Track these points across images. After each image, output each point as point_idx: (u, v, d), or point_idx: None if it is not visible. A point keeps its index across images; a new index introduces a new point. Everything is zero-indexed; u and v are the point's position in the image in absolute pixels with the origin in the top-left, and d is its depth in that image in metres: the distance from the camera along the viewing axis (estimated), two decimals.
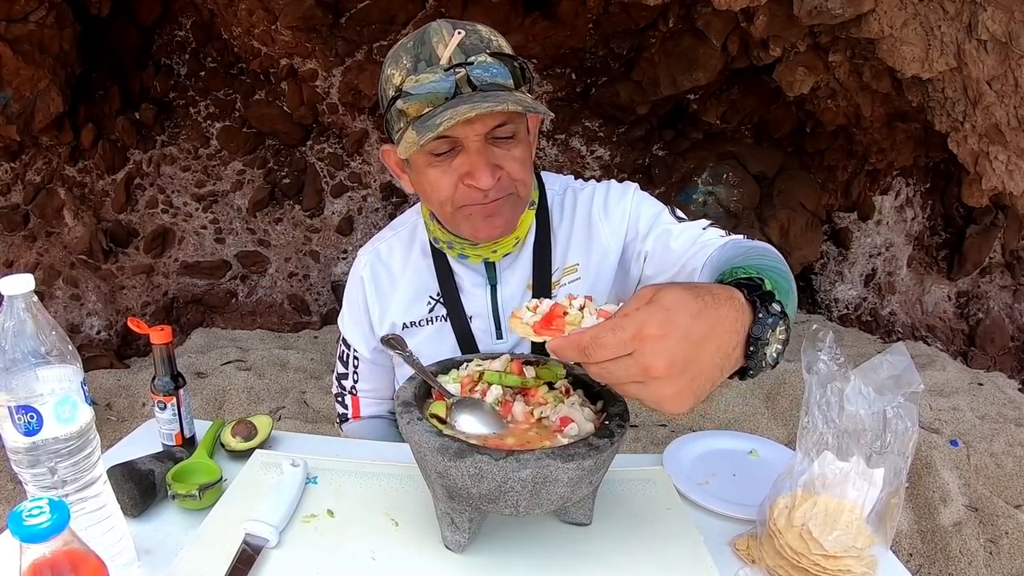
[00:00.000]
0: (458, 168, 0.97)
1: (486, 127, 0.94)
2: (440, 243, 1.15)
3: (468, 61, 0.92)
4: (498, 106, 0.87)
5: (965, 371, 3.61)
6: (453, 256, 1.15)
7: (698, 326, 0.63)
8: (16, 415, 0.69)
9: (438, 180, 0.99)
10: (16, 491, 2.41)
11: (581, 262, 1.16)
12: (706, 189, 4.28)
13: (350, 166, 4.31)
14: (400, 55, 0.97)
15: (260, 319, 4.19)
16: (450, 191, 0.99)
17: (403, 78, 0.95)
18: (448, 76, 0.91)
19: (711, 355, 0.65)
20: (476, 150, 0.95)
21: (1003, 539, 2.26)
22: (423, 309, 1.20)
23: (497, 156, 0.97)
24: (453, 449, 0.73)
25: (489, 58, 0.93)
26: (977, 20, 2.54)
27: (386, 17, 3.79)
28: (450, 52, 0.93)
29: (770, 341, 0.69)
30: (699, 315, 0.64)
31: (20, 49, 3.27)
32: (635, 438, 2.91)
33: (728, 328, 0.66)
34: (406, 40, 0.99)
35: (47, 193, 3.79)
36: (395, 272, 1.23)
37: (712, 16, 3.47)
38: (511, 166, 0.99)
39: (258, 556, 0.81)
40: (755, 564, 0.84)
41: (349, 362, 1.33)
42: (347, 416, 1.36)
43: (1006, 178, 2.93)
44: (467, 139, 0.94)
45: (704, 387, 0.65)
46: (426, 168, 0.99)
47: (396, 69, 0.97)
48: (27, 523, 0.57)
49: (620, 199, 1.16)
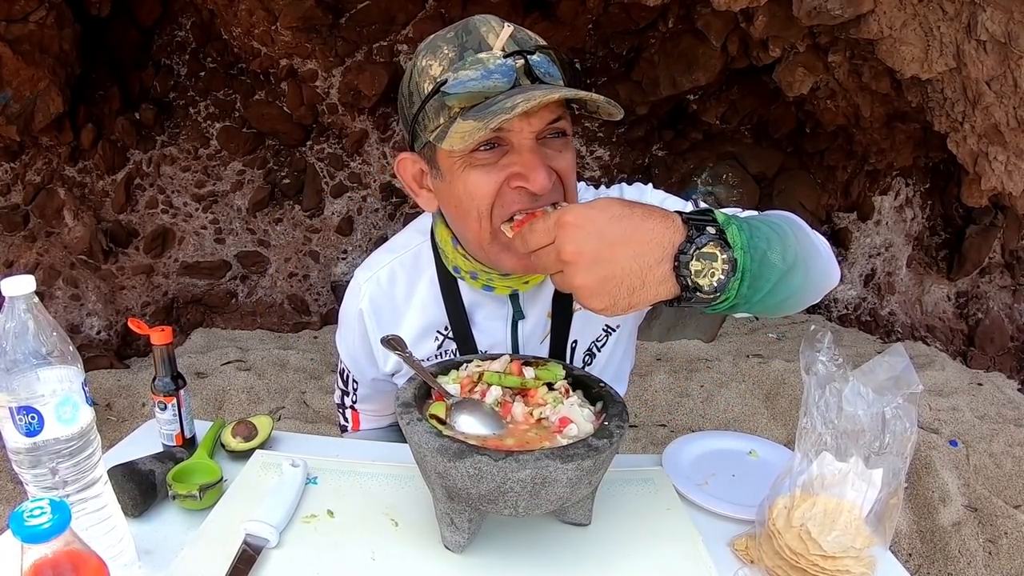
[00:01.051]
0: (505, 169, 0.86)
1: (543, 122, 0.85)
2: (461, 272, 1.02)
3: (527, 50, 0.83)
4: (581, 92, 0.78)
5: (964, 371, 3.61)
6: (476, 287, 1.03)
7: (615, 227, 0.67)
8: (17, 416, 0.70)
9: (480, 184, 0.86)
10: (17, 492, 2.41)
11: None
12: (706, 189, 4.28)
13: (350, 166, 4.32)
14: (439, 45, 0.86)
15: (260, 319, 4.19)
16: (491, 195, 0.87)
17: (445, 68, 0.84)
18: (507, 63, 0.81)
19: (627, 259, 0.67)
20: (530, 148, 0.84)
21: (1002, 539, 2.26)
22: (431, 345, 1.10)
23: (549, 156, 0.87)
24: (453, 450, 0.73)
25: (542, 52, 0.85)
26: (976, 20, 2.55)
27: (386, 17, 3.79)
28: (503, 41, 0.84)
29: (701, 267, 0.67)
30: (620, 219, 0.67)
31: (20, 49, 3.27)
32: (634, 438, 2.91)
33: (651, 240, 0.67)
34: (444, 31, 0.88)
35: (47, 193, 3.79)
36: (399, 304, 1.10)
37: (712, 16, 3.47)
38: (563, 168, 0.89)
39: (258, 556, 0.81)
40: (754, 564, 0.84)
41: (348, 382, 1.25)
42: (347, 428, 1.33)
43: (1005, 178, 2.93)
44: (521, 135, 0.84)
45: (620, 291, 0.67)
46: (464, 172, 0.87)
47: (435, 60, 0.85)
48: (28, 523, 0.57)
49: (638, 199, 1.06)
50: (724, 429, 2.90)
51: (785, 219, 0.84)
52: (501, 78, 0.81)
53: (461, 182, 0.87)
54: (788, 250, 0.74)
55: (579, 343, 1.11)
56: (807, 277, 0.78)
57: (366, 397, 1.27)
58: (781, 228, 0.78)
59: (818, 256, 0.84)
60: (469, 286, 1.04)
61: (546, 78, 0.84)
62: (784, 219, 0.84)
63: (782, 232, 0.77)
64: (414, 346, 1.07)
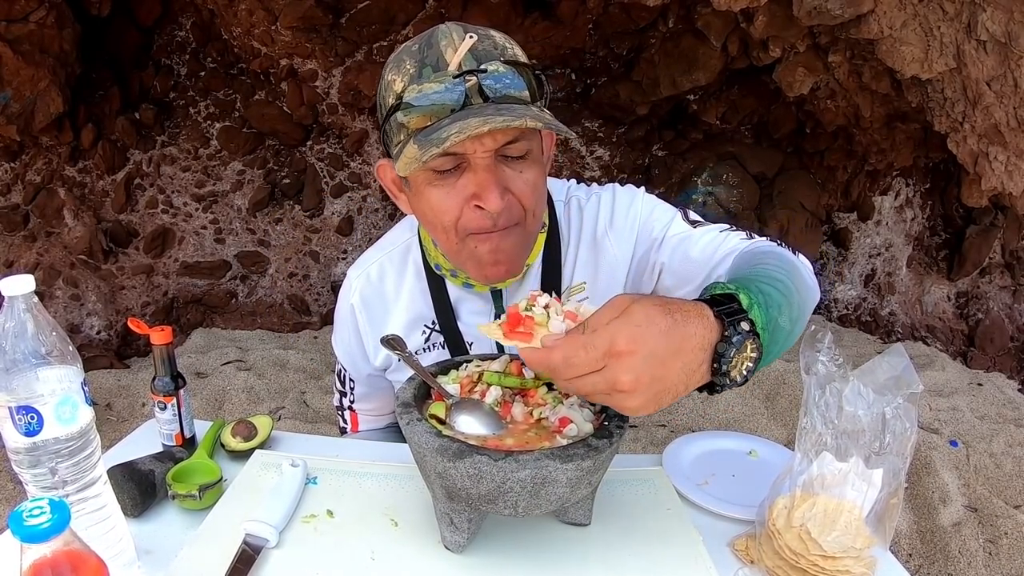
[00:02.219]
0: (463, 189, 0.87)
1: (496, 143, 0.84)
2: (442, 270, 1.06)
3: (480, 68, 0.82)
4: (515, 121, 0.78)
5: (964, 371, 3.61)
6: (457, 284, 1.07)
7: (665, 343, 0.65)
8: (17, 415, 0.69)
9: (441, 202, 0.88)
10: (16, 491, 2.41)
11: (588, 281, 1.09)
12: (706, 189, 4.28)
13: (350, 166, 4.32)
14: (403, 59, 0.87)
15: (260, 319, 4.19)
16: (455, 215, 0.89)
17: (405, 85, 0.85)
18: (457, 84, 0.81)
19: (677, 372, 0.66)
20: (485, 167, 0.85)
21: (1002, 539, 2.26)
22: (419, 339, 1.12)
23: (507, 177, 0.87)
24: (452, 450, 0.73)
25: (503, 66, 0.83)
26: (976, 20, 2.55)
27: (386, 17, 3.79)
28: (460, 57, 0.83)
29: (735, 361, 0.69)
30: (668, 332, 0.65)
31: (20, 49, 3.27)
32: (634, 438, 2.91)
33: (695, 346, 0.67)
34: (411, 43, 0.89)
35: (47, 193, 3.79)
36: (388, 298, 1.13)
37: (712, 16, 3.47)
38: (521, 190, 0.89)
39: (258, 556, 0.81)
40: (754, 564, 0.84)
41: (346, 382, 1.27)
42: (346, 430, 1.34)
43: (1005, 178, 2.93)
44: (475, 155, 0.84)
45: (667, 399, 0.67)
46: (426, 188, 0.89)
47: (398, 75, 0.86)
48: (28, 523, 0.57)
49: (628, 208, 1.08)
50: (724, 429, 2.90)
51: (781, 263, 0.86)
52: (448, 100, 0.81)
53: (425, 198, 0.90)
54: (792, 308, 0.78)
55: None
56: (804, 324, 0.83)
57: (363, 396, 1.28)
58: (784, 285, 0.80)
59: (808, 292, 0.88)
60: (452, 284, 1.08)
61: (500, 96, 0.83)
62: (780, 264, 0.86)
63: (786, 290, 0.80)
64: (407, 341, 1.08)
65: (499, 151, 0.86)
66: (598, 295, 1.07)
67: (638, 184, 1.16)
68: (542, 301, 0.74)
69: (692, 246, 1.00)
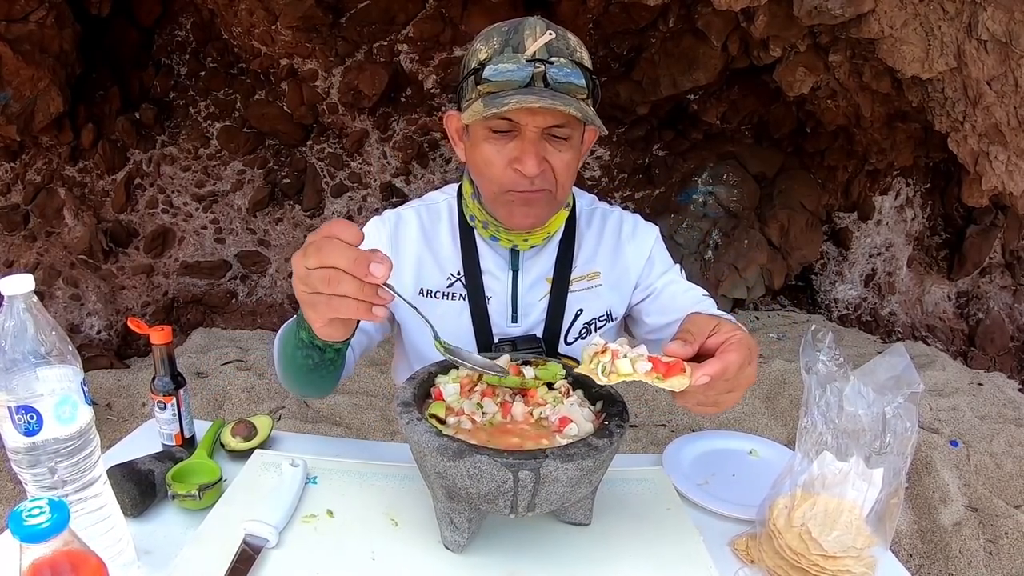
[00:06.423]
0: (510, 152, 1.02)
1: (547, 122, 0.99)
2: (476, 221, 1.17)
3: (549, 60, 0.98)
4: (561, 106, 0.93)
5: (965, 371, 3.61)
6: (485, 236, 1.18)
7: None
8: (16, 415, 0.69)
9: (491, 156, 1.04)
10: (16, 491, 2.41)
11: (604, 272, 1.22)
12: (706, 189, 4.28)
13: (350, 166, 4.32)
14: (492, 35, 1.04)
15: (260, 319, 4.19)
16: (499, 170, 1.04)
17: (488, 56, 1.01)
18: (527, 67, 0.97)
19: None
20: (531, 139, 1.00)
21: (1003, 539, 2.26)
22: (441, 280, 1.19)
23: (548, 151, 1.03)
24: (452, 449, 0.73)
25: (569, 63, 0.98)
26: (977, 20, 2.55)
27: (386, 17, 3.80)
28: (536, 47, 0.99)
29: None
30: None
31: (20, 49, 3.27)
32: (635, 438, 2.91)
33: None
34: (503, 24, 1.06)
35: (47, 193, 3.79)
36: (417, 239, 1.22)
37: (712, 16, 3.47)
38: (558, 164, 1.04)
39: (258, 556, 0.81)
40: (754, 564, 0.84)
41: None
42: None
43: (1006, 178, 2.93)
44: (526, 127, 1.00)
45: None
46: (482, 142, 1.05)
47: (485, 46, 1.03)
48: (27, 523, 0.57)
49: (646, 236, 1.25)
50: (724, 429, 2.90)
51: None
52: (517, 78, 0.97)
53: (480, 150, 1.06)
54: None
55: (584, 312, 1.20)
56: None
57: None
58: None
59: None
60: (480, 235, 1.19)
61: (559, 86, 0.97)
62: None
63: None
64: (427, 277, 1.18)
65: (547, 129, 1.01)
66: (610, 287, 1.22)
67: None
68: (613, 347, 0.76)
69: (682, 293, 1.20)
